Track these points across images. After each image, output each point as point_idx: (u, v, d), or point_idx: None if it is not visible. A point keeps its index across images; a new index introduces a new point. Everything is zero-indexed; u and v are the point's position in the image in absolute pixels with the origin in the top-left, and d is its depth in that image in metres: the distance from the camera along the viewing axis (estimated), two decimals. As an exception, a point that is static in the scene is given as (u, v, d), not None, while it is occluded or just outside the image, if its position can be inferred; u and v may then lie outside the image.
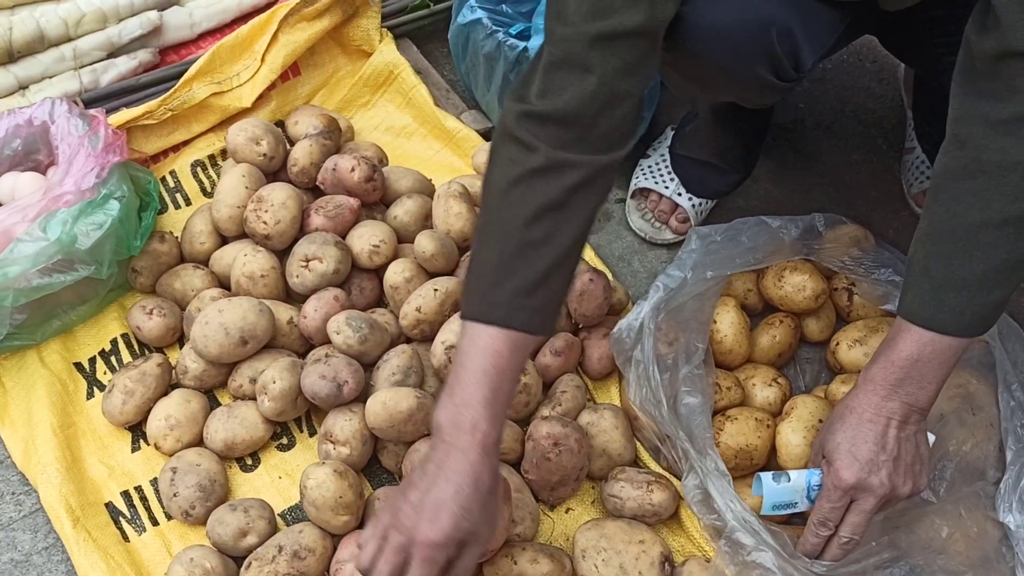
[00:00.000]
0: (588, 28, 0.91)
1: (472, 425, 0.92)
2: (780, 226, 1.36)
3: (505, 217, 0.95)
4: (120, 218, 1.30)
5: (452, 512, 0.91)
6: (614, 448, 1.25)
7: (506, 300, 0.94)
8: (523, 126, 0.95)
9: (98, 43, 1.66)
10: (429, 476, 0.93)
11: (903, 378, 0.98)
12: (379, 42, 1.64)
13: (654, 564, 1.13)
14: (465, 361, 0.94)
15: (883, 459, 0.99)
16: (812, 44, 1.09)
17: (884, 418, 0.99)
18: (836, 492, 1.01)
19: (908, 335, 0.97)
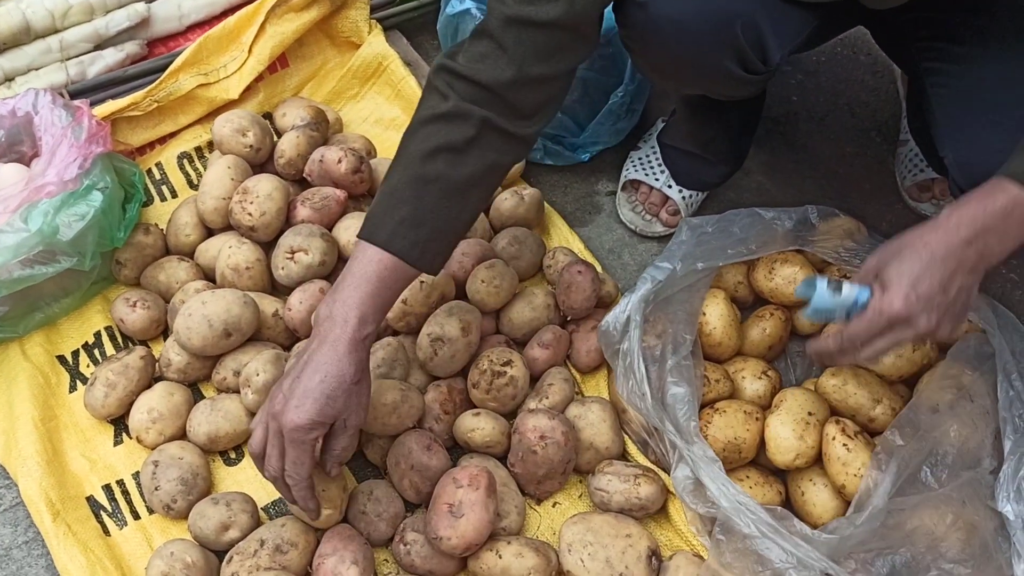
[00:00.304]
0: (510, 9, 0.98)
1: (344, 320, 1.00)
2: (773, 217, 1.34)
3: (408, 150, 1.04)
4: (103, 209, 1.29)
5: (315, 399, 0.99)
6: (601, 441, 1.23)
7: (391, 226, 1.02)
8: (441, 77, 1.03)
9: (85, 35, 1.64)
10: (300, 365, 1.01)
11: (989, 228, 0.94)
12: (368, 33, 1.63)
13: (641, 558, 1.11)
14: (350, 268, 1.03)
15: (939, 301, 0.96)
16: (780, 37, 1.08)
17: (956, 261, 0.96)
18: (881, 318, 0.97)
19: (1006, 190, 0.93)
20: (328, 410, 1.00)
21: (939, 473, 1.12)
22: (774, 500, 1.19)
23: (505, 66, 1.00)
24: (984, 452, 1.15)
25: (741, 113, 1.42)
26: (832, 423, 1.16)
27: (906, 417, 1.15)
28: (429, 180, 1.02)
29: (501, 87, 1.01)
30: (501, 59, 1.00)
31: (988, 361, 1.22)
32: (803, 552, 1.03)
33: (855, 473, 1.12)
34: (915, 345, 1.24)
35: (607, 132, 1.54)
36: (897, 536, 1.07)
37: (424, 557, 1.12)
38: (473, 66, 1.01)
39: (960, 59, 1.12)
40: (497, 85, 1.01)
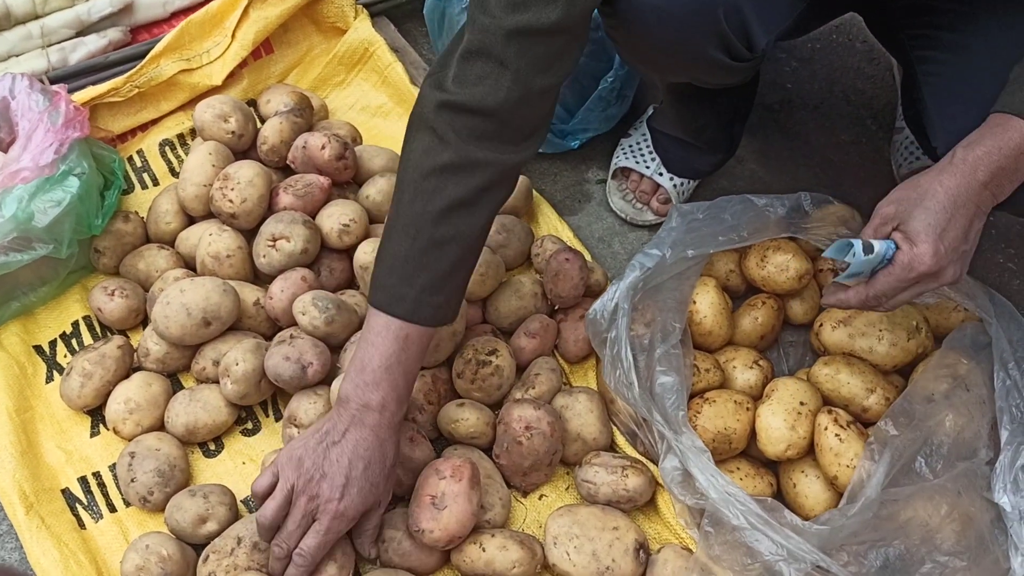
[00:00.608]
0: (506, 21, 0.93)
1: (381, 405, 1.00)
2: (766, 204, 1.31)
3: (416, 210, 0.99)
4: (79, 195, 1.26)
5: (361, 488, 1.00)
6: (589, 432, 1.20)
7: (413, 296, 1.00)
8: (439, 116, 0.97)
9: (66, 21, 1.62)
10: (339, 448, 1.00)
11: (1004, 167, 0.92)
12: (354, 19, 1.60)
13: (628, 551, 1.08)
14: (374, 344, 1.01)
15: (964, 249, 0.95)
16: (765, 22, 1.04)
17: (974, 205, 0.94)
18: (911, 273, 0.94)
19: (1018, 127, 0.91)
20: (371, 499, 1.02)
21: (934, 464, 1.09)
22: (765, 492, 1.16)
23: (510, 84, 0.95)
24: (980, 442, 1.12)
25: (733, 100, 1.39)
26: (824, 413, 1.14)
27: (900, 407, 1.12)
28: (445, 242, 0.99)
29: (507, 109, 0.96)
30: (503, 78, 0.95)
31: (984, 350, 1.20)
32: (794, 544, 1.00)
33: (848, 464, 1.10)
34: (910, 334, 1.21)
35: (597, 119, 1.51)
36: (890, 528, 1.04)
37: (402, 554, 1.09)
38: (471, 91, 0.95)
39: (950, 47, 1.10)
40: (502, 109, 0.96)
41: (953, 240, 0.93)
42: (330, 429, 1.02)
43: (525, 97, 0.97)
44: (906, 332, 1.21)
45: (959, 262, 0.95)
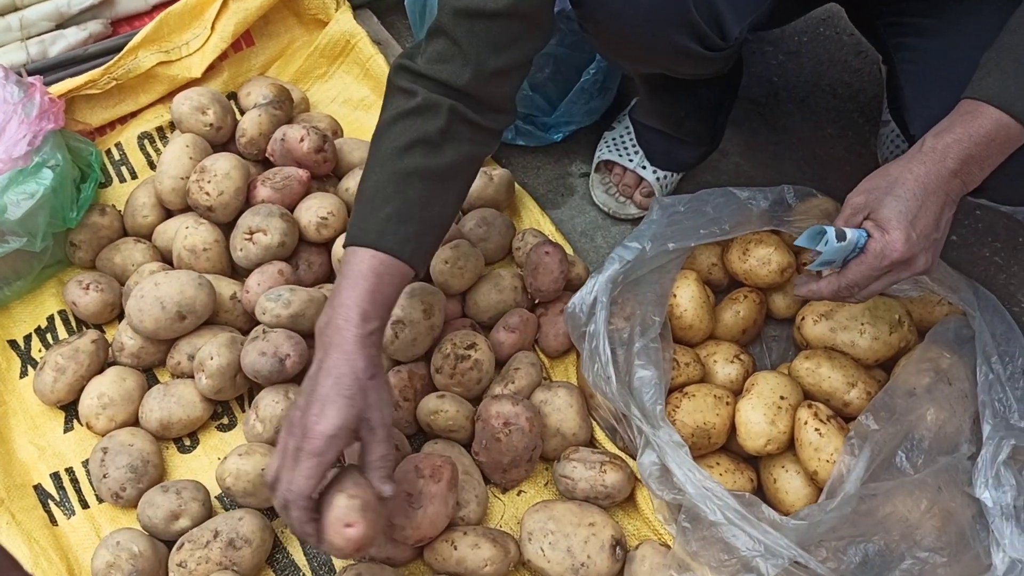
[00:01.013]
0: (458, 1, 0.95)
1: (345, 320, 0.94)
2: (748, 197, 1.30)
3: (382, 148, 0.99)
4: (53, 188, 1.24)
5: (333, 401, 0.91)
6: (568, 428, 1.19)
7: (377, 225, 0.97)
8: (404, 77, 1.00)
9: (46, 13, 1.60)
10: (311, 378, 0.95)
11: (974, 155, 0.92)
12: (335, 11, 1.58)
13: (604, 547, 1.07)
14: (343, 274, 0.97)
15: (935, 237, 0.94)
16: (736, 11, 1.03)
17: (944, 193, 0.93)
18: (884, 261, 0.93)
19: (987, 114, 0.91)
20: (350, 411, 0.92)
21: (915, 458, 1.08)
22: (745, 487, 1.15)
23: (462, 64, 0.97)
24: (962, 437, 1.11)
25: (715, 92, 1.38)
26: (804, 407, 1.12)
27: (881, 401, 1.11)
28: (409, 173, 0.98)
29: (463, 86, 0.98)
30: (457, 57, 0.98)
31: (968, 344, 1.19)
32: (771, 539, 0.99)
33: (827, 459, 1.08)
34: (892, 328, 1.20)
35: (580, 111, 1.50)
36: (869, 523, 1.03)
37: (378, 546, 1.08)
38: (433, 67, 0.98)
39: (925, 33, 1.09)
40: (459, 85, 0.98)
41: (924, 227, 0.93)
42: (309, 372, 0.96)
43: (478, 76, 0.98)
44: (888, 326, 1.19)
45: (930, 250, 0.94)
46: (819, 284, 1.00)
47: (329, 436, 0.90)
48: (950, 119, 0.93)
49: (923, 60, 1.09)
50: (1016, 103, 0.90)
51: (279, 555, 1.14)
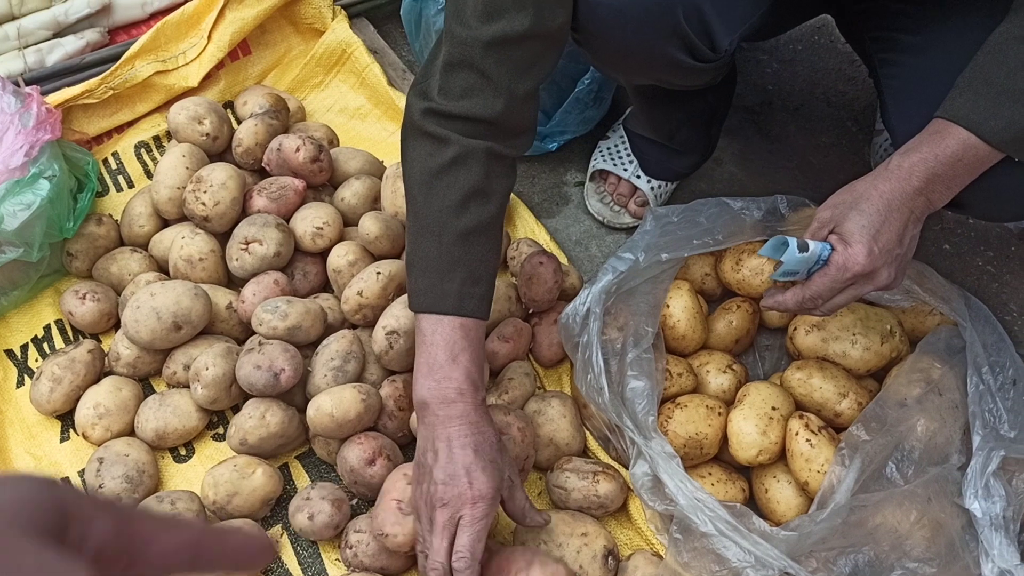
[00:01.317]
0: (482, 32, 0.94)
1: (459, 393, 0.97)
2: (742, 207, 1.31)
3: (434, 209, 0.99)
4: (50, 198, 1.25)
5: (484, 467, 0.95)
6: (561, 437, 1.20)
7: (456, 291, 0.99)
8: (430, 121, 0.99)
9: (43, 22, 1.61)
10: (442, 453, 0.96)
11: (940, 175, 0.93)
12: (331, 20, 1.59)
13: (596, 557, 1.07)
14: (433, 343, 0.98)
15: (897, 253, 0.96)
16: (726, 22, 1.04)
17: (908, 211, 0.95)
18: (846, 273, 0.95)
19: (955, 135, 0.92)
20: (498, 475, 0.97)
21: (905, 469, 1.09)
22: (737, 497, 1.16)
23: (494, 95, 0.97)
24: (952, 448, 1.12)
25: (708, 102, 1.39)
26: (796, 418, 1.13)
27: (872, 411, 1.12)
28: (471, 232, 0.99)
29: (493, 117, 0.98)
30: (487, 88, 0.97)
31: (959, 354, 1.19)
32: (761, 550, 1.00)
33: (818, 469, 1.09)
34: (883, 338, 1.21)
35: (575, 121, 1.51)
36: (860, 534, 1.04)
37: (372, 555, 1.09)
38: (461, 104, 0.98)
39: (907, 49, 1.10)
40: (489, 116, 0.98)
41: (886, 242, 0.94)
42: (423, 447, 0.99)
43: (510, 104, 0.99)
44: (880, 336, 1.20)
45: (893, 265, 0.96)
46: (785, 295, 1.02)
47: (491, 499, 0.95)
48: (919, 138, 0.95)
49: (904, 75, 1.10)
50: (984, 124, 0.91)
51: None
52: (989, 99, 0.92)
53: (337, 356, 1.21)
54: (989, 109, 0.91)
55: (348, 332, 1.25)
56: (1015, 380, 1.16)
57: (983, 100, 0.92)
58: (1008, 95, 0.91)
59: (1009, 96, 0.90)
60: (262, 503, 1.14)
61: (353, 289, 1.25)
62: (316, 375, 1.20)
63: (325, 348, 1.22)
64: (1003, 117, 0.91)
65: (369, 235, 1.29)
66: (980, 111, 0.92)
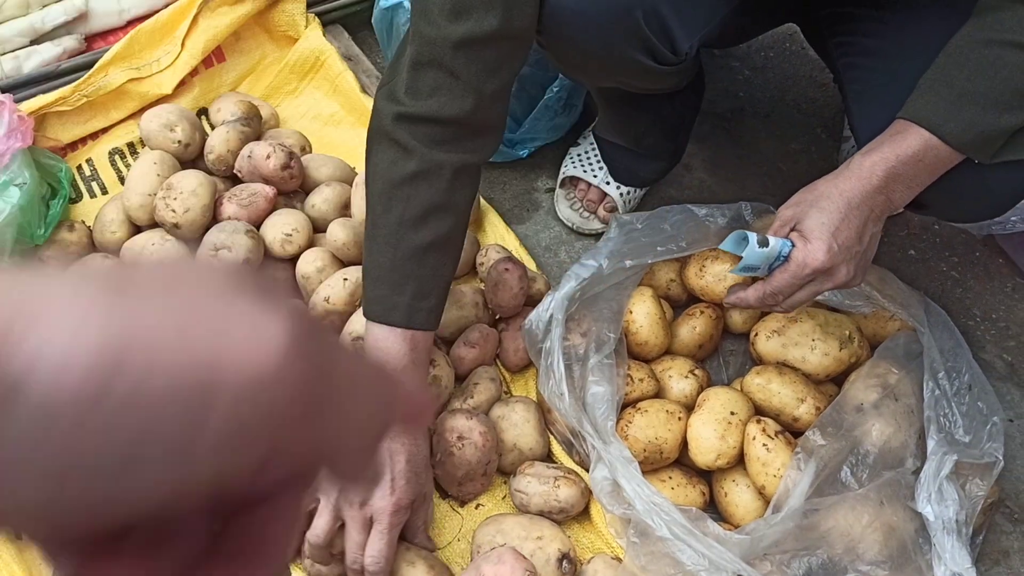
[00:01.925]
0: (450, 31, 0.95)
1: None
2: (706, 214, 1.33)
3: (392, 220, 1.02)
4: (21, 206, 1.27)
5: (409, 479, 1.03)
6: (525, 443, 1.21)
7: (406, 304, 1.03)
8: (398, 127, 1.01)
9: (20, 30, 1.61)
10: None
11: (900, 174, 0.95)
12: (305, 28, 1.60)
13: (550, 561, 1.09)
14: (384, 351, 1.03)
15: (856, 250, 0.97)
16: (686, 25, 1.05)
17: (868, 209, 0.96)
18: (805, 270, 0.97)
19: (916, 135, 0.94)
20: (418, 488, 1.05)
21: (859, 473, 1.10)
22: (697, 501, 1.17)
23: (462, 94, 0.98)
24: (907, 452, 1.14)
25: (675, 108, 1.40)
26: (753, 423, 1.15)
27: (829, 416, 1.13)
28: (426, 247, 1.03)
29: (463, 116, 0.99)
30: (456, 87, 0.98)
31: (916, 359, 1.21)
32: (715, 553, 1.01)
33: (775, 473, 1.11)
34: (842, 344, 1.22)
35: (545, 128, 1.52)
36: (813, 537, 1.05)
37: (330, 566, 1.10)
38: (426, 103, 0.99)
39: (872, 53, 1.12)
40: (458, 116, 0.99)
41: (846, 239, 0.96)
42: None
43: (479, 103, 1.00)
44: (838, 342, 1.22)
45: (852, 262, 0.98)
46: (746, 292, 1.04)
47: (405, 509, 1.04)
48: (880, 138, 0.97)
49: (866, 79, 1.12)
50: (944, 125, 0.93)
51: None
52: (950, 101, 0.93)
53: (303, 362, 1.22)
54: (949, 111, 0.93)
55: (315, 338, 1.26)
56: (970, 385, 1.17)
57: (944, 102, 0.94)
58: (968, 98, 0.92)
59: (969, 99, 0.92)
60: None
61: (320, 295, 1.26)
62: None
63: (292, 354, 1.24)
64: (963, 119, 0.93)
65: (337, 241, 1.31)
66: (940, 113, 0.94)
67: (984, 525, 1.16)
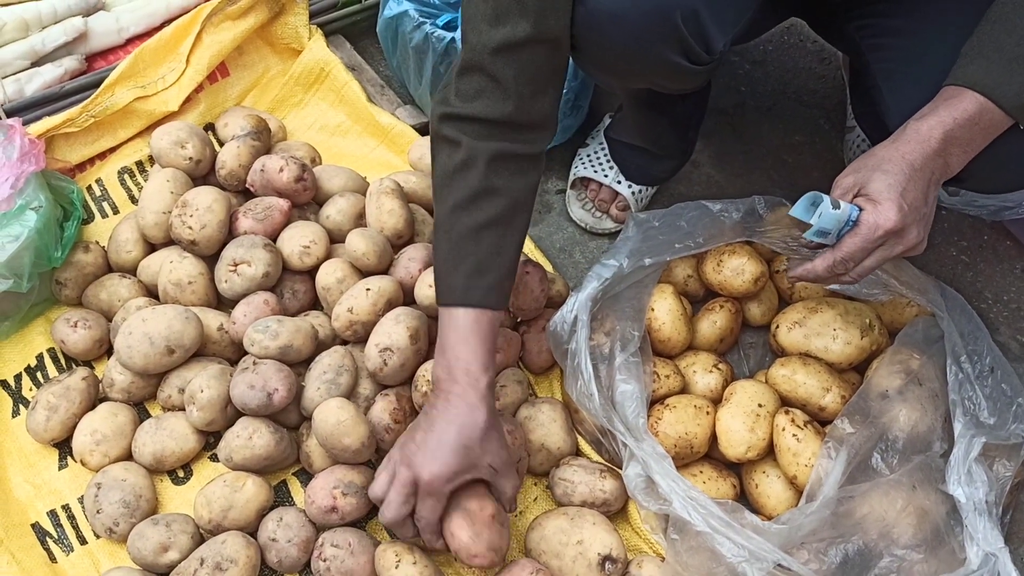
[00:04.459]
0: (490, 37, 0.99)
1: (465, 373, 1.04)
2: (721, 210, 1.34)
3: (445, 210, 1.07)
4: (38, 229, 1.26)
5: (452, 449, 1.03)
6: (553, 442, 1.22)
7: (461, 284, 1.06)
8: (447, 125, 1.05)
9: (21, 52, 1.61)
10: (431, 419, 1.05)
11: (957, 137, 0.96)
12: (308, 39, 1.61)
13: (591, 566, 1.09)
14: (446, 331, 1.07)
15: (924, 211, 0.98)
16: (721, 25, 1.06)
17: (930, 171, 0.97)
18: (877, 231, 0.96)
19: (971, 99, 0.95)
20: (464, 460, 1.04)
21: (890, 459, 1.12)
22: (728, 494, 1.18)
23: (503, 97, 1.02)
24: (934, 436, 1.15)
25: (688, 106, 1.41)
26: (782, 414, 1.16)
27: (855, 404, 1.15)
28: (479, 227, 1.05)
29: (507, 118, 1.03)
30: (497, 91, 1.02)
31: (937, 344, 1.23)
32: (755, 545, 1.02)
33: (806, 463, 1.12)
34: (863, 332, 1.24)
35: (553, 130, 1.53)
36: (848, 524, 1.07)
37: (345, 571, 1.10)
38: (474, 105, 1.03)
39: (897, 32, 1.13)
40: (503, 118, 1.03)
41: (914, 200, 0.96)
42: (426, 410, 1.08)
43: (520, 105, 1.03)
44: (859, 330, 1.23)
45: (921, 223, 0.98)
46: (813, 263, 1.03)
47: (443, 478, 1.03)
48: (933, 104, 0.97)
49: (897, 57, 1.13)
50: (997, 88, 0.94)
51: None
52: (1001, 65, 0.95)
53: (330, 370, 1.23)
54: (1002, 74, 0.94)
55: (340, 347, 1.27)
56: (992, 368, 1.19)
57: (995, 66, 0.95)
58: (1020, 61, 0.94)
59: (1021, 62, 0.93)
60: (257, 514, 1.16)
61: (343, 306, 1.27)
62: (309, 389, 1.22)
63: (318, 363, 1.24)
64: (1016, 82, 0.94)
65: (356, 252, 1.31)
66: (993, 76, 0.95)
67: (1012, 505, 1.18)
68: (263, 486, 1.17)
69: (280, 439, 1.20)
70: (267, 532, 1.14)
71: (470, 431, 1.03)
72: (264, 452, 1.18)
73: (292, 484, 1.24)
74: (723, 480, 1.19)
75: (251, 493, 1.15)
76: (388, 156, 1.58)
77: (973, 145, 0.97)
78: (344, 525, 1.16)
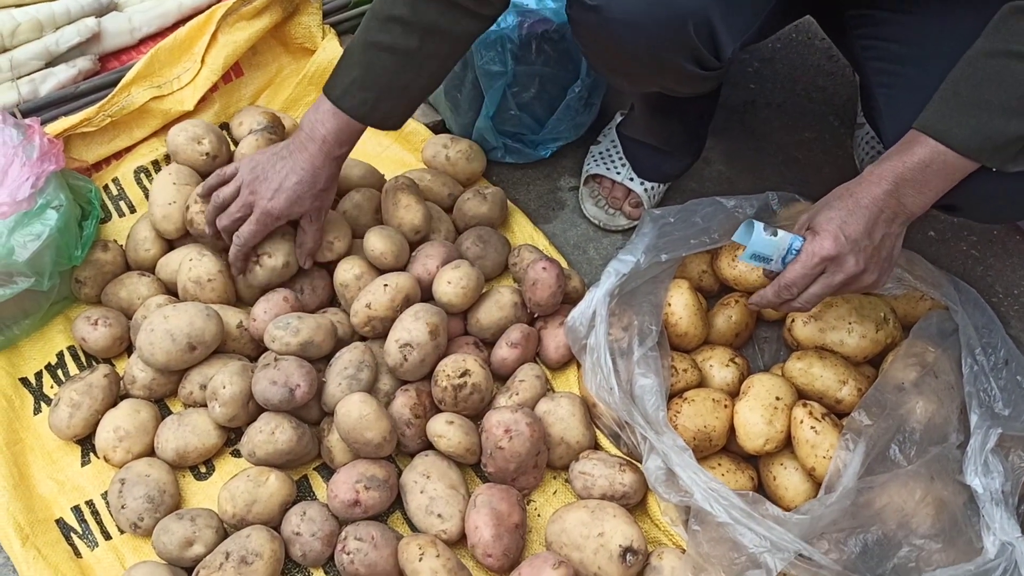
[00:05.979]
0: None
1: (323, 138, 1.21)
2: (735, 205, 1.35)
3: (363, 21, 1.17)
4: (59, 228, 1.27)
5: (288, 195, 1.23)
6: (572, 436, 1.23)
7: (344, 86, 1.18)
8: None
9: (35, 52, 1.62)
10: (283, 160, 1.23)
11: (908, 179, 1.00)
12: (322, 39, 1.62)
13: (613, 558, 1.10)
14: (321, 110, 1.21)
15: (865, 244, 1.02)
16: (732, 32, 1.08)
17: (878, 209, 1.02)
18: (814, 259, 1.03)
19: (923, 144, 0.99)
20: (296, 208, 1.24)
21: (907, 450, 1.13)
22: (747, 486, 1.20)
23: None
24: (951, 427, 1.16)
25: (699, 104, 1.43)
26: (799, 406, 1.17)
27: (872, 397, 1.16)
28: (380, 47, 1.14)
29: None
30: None
31: (951, 337, 1.24)
32: (776, 535, 1.03)
33: (824, 455, 1.13)
34: (878, 325, 1.25)
35: (566, 127, 1.54)
36: (867, 514, 1.08)
37: (368, 565, 1.11)
38: None
39: (901, 60, 1.14)
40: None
41: (853, 232, 1.02)
42: (284, 147, 1.24)
43: None
44: (874, 324, 1.25)
45: (861, 254, 1.03)
46: (765, 290, 1.10)
47: (273, 216, 1.23)
48: (893, 148, 1.03)
49: (898, 85, 1.15)
50: (949, 132, 0.97)
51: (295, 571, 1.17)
52: (956, 110, 0.97)
53: (351, 365, 1.24)
54: (955, 119, 0.97)
55: (360, 343, 1.28)
56: (1007, 360, 1.20)
57: (950, 111, 0.98)
58: (974, 106, 0.96)
59: (975, 107, 0.96)
60: (280, 509, 1.17)
61: (362, 302, 1.28)
62: (331, 384, 1.23)
63: (339, 359, 1.25)
64: (968, 126, 0.97)
65: (375, 251, 1.32)
66: (946, 121, 0.98)
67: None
68: (286, 480, 1.18)
69: (302, 434, 1.21)
70: (291, 526, 1.15)
71: (308, 187, 1.22)
72: (286, 447, 1.19)
73: (313, 479, 1.25)
74: (741, 472, 1.20)
75: (274, 487, 1.17)
76: (402, 154, 1.59)
77: (930, 186, 1.00)
78: (367, 519, 1.17)
